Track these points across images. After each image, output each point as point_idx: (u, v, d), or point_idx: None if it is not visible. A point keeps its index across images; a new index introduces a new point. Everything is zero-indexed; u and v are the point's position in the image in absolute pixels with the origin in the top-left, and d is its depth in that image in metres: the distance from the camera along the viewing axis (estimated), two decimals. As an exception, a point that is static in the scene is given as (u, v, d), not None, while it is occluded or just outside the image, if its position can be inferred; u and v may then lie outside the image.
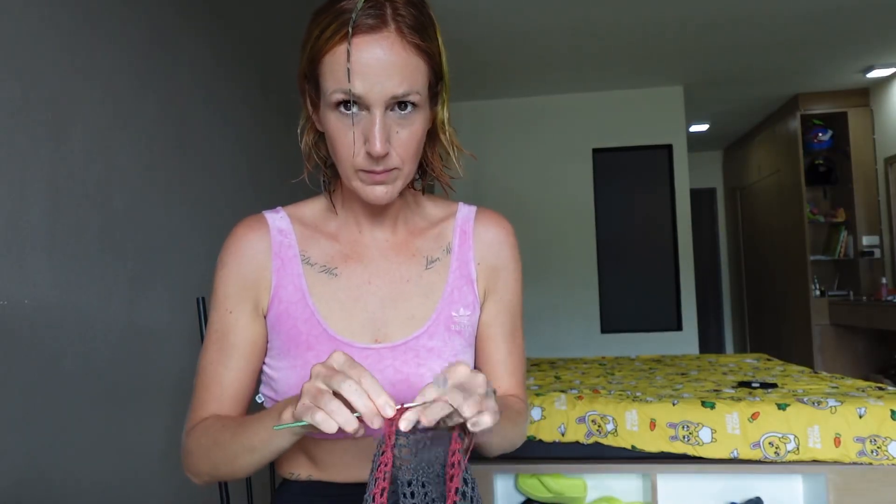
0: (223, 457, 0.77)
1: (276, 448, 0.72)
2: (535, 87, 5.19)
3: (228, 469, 0.78)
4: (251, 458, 0.74)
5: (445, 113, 0.83)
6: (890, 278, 5.18)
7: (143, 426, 1.57)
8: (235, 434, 0.75)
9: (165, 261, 1.71)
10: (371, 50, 0.71)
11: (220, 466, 0.78)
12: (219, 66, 2.08)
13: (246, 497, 1.11)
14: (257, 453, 0.74)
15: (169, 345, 1.70)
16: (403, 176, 0.79)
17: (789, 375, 2.79)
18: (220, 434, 0.77)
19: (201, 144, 1.94)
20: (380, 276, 0.87)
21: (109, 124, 1.50)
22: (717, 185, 7.89)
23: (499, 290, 0.93)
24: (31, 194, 1.24)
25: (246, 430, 0.74)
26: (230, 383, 0.84)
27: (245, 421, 0.76)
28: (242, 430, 0.75)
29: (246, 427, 0.75)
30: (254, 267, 0.85)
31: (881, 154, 5.27)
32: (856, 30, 4.13)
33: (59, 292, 1.30)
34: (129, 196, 1.56)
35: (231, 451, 0.76)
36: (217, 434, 0.78)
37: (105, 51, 1.50)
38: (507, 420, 0.84)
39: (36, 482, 1.22)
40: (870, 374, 5.31)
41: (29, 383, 1.22)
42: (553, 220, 5.31)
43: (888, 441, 1.99)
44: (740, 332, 7.56)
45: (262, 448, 0.73)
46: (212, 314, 0.86)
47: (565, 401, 2.22)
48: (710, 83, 5.18)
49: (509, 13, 3.72)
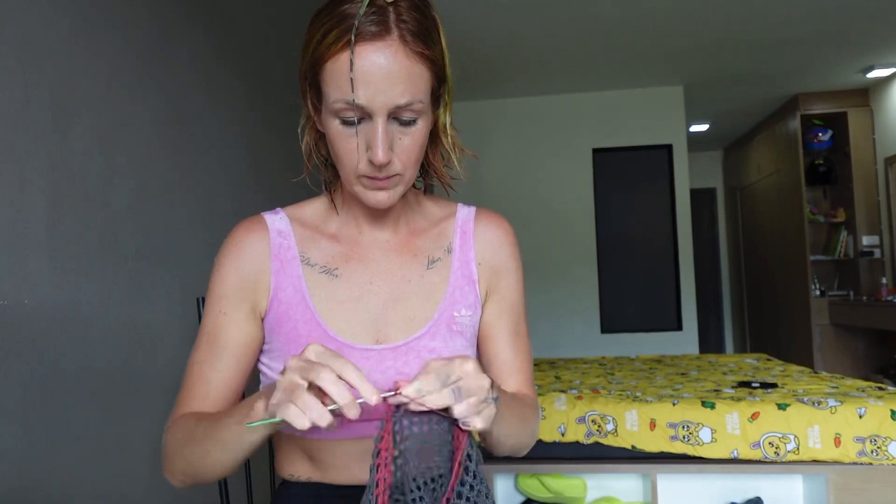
0: (196, 453, 0.75)
1: (247, 443, 0.71)
2: (535, 87, 5.19)
3: (201, 466, 0.76)
4: (224, 454, 0.73)
5: (448, 116, 0.83)
6: (890, 278, 5.18)
7: (143, 426, 1.56)
8: (208, 429, 0.74)
9: (165, 261, 1.71)
10: (374, 58, 0.70)
11: (194, 463, 0.77)
12: (219, 65, 2.08)
13: (246, 498, 1.11)
14: (230, 449, 0.72)
15: (169, 345, 1.70)
16: (405, 182, 0.79)
17: (789, 375, 2.79)
18: (195, 429, 0.76)
19: (201, 144, 1.94)
20: (381, 277, 0.87)
21: (109, 124, 1.50)
22: (717, 185, 7.89)
23: (500, 290, 0.92)
24: (31, 194, 1.24)
25: (218, 424, 0.73)
26: (216, 384, 0.83)
27: (218, 415, 0.75)
28: (215, 425, 0.74)
29: (218, 421, 0.73)
30: (252, 269, 0.84)
31: (881, 154, 5.27)
32: (856, 30, 4.13)
33: (59, 292, 1.30)
34: (129, 196, 1.56)
35: (203, 447, 0.74)
36: (192, 429, 0.77)
37: (105, 50, 1.49)
38: (516, 416, 0.84)
39: (36, 482, 1.22)
40: (870, 374, 5.31)
41: (29, 383, 1.22)
42: (553, 220, 5.31)
43: (888, 441, 1.99)
44: (740, 332, 7.56)
45: (233, 442, 0.71)
46: (205, 314, 0.85)
47: (565, 401, 2.22)
48: (710, 83, 5.18)
49: (509, 13, 3.72)
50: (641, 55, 4.52)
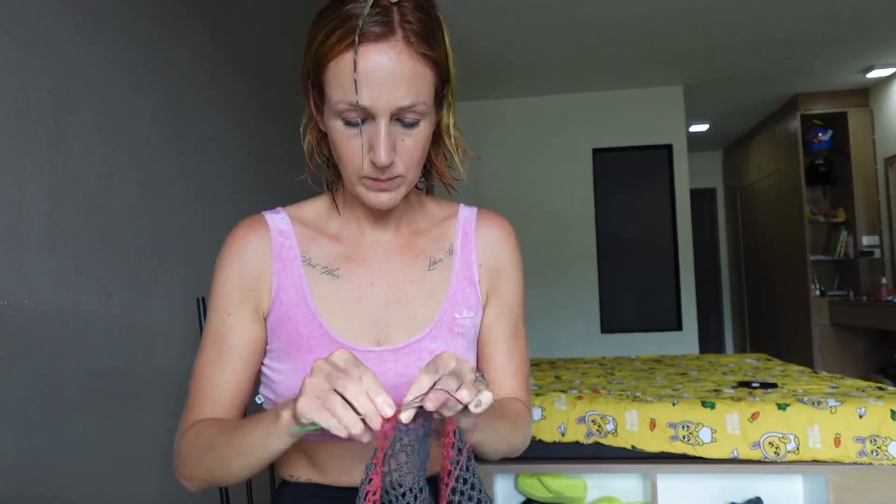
0: (218, 461, 0.75)
1: (272, 451, 0.70)
2: (535, 87, 5.19)
3: (223, 473, 0.76)
4: (246, 461, 0.73)
5: (451, 117, 0.82)
6: (890, 278, 5.18)
7: (143, 426, 1.56)
8: (231, 438, 0.74)
9: (165, 261, 1.71)
10: (377, 59, 0.69)
11: (214, 471, 0.76)
12: (220, 64, 2.08)
13: (246, 498, 1.11)
14: (253, 457, 0.72)
15: (169, 345, 1.69)
16: (407, 183, 0.78)
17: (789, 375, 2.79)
18: (215, 437, 0.76)
19: (202, 143, 1.94)
20: (382, 278, 0.86)
21: (109, 124, 1.50)
22: (717, 185, 7.89)
23: (501, 291, 0.92)
24: (31, 194, 1.24)
25: (241, 433, 0.73)
26: (226, 386, 0.82)
27: (240, 424, 0.75)
28: (238, 434, 0.73)
29: (241, 430, 0.73)
30: (254, 269, 0.84)
31: (881, 154, 5.27)
32: (856, 30, 4.13)
33: (59, 292, 1.30)
34: (129, 196, 1.56)
35: (226, 456, 0.74)
36: (212, 437, 0.76)
37: (105, 49, 1.49)
38: (505, 422, 0.83)
39: (36, 482, 1.22)
40: (870, 374, 5.31)
41: (29, 383, 1.21)
42: (553, 221, 5.31)
43: (888, 441, 1.99)
44: (740, 332, 7.56)
45: (258, 451, 0.71)
46: (210, 316, 0.85)
47: (565, 401, 2.22)
48: (710, 83, 5.18)
49: (509, 13, 3.72)
50: (641, 55, 4.52)
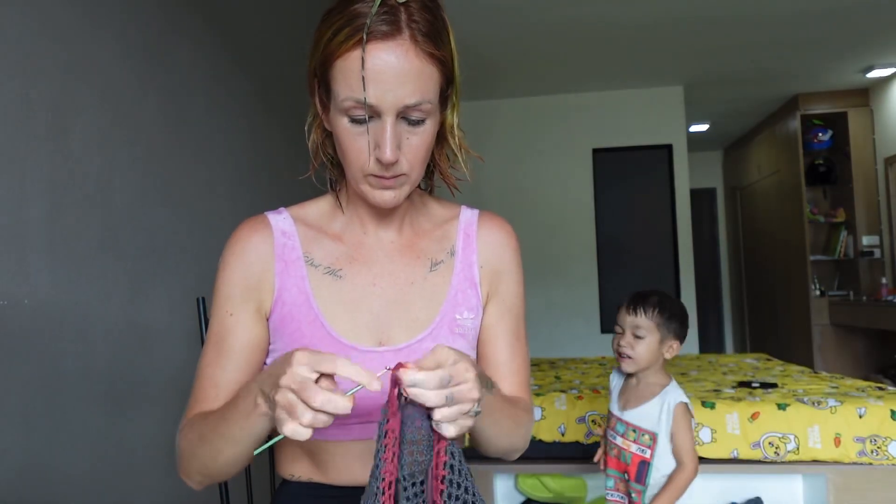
0: (208, 452, 0.76)
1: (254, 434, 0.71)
2: (534, 87, 5.19)
3: (214, 464, 0.76)
4: (233, 448, 0.73)
5: (456, 117, 0.83)
6: (890, 278, 5.17)
7: (143, 426, 1.56)
8: (215, 426, 0.74)
9: (165, 261, 1.71)
10: (384, 57, 0.70)
11: (207, 463, 0.77)
12: (221, 64, 2.08)
13: (246, 498, 1.11)
14: (238, 442, 0.72)
15: (169, 345, 1.69)
16: (411, 181, 0.79)
17: (789, 375, 2.79)
18: (203, 428, 0.77)
19: (202, 143, 1.94)
20: (384, 279, 0.87)
21: (109, 124, 1.50)
22: (717, 185, 7.88)
23: (501, 293, 0.92)
24: (31, 194, 1.24)
25: (223, 419, 0.73)
26: (226, 385, 0.82)
27: (221, 411, 0.75)
28: (220, 421, 0.74)
29: (222, 417, 0.74)
30: (256, 269, 0.84)
31: (881, 154, 5.26)
32: (856, 30, 4.13)
33: (59, 292, 1.30)
34: (129, 196, 1.56)
35: (214, 446, 0.75)
36: (200, 428, 0.77)
37: (105, 51, 1.49)
38: (510, 418, 0.83)
39: (36, 482, 1.22)
40: (870, 374, 5.31)
41: (29, 383, 1.22)
42: (553, 221, 5.31)
43: (888, 441, 1.99)
44: (740, 332, 7.56)
45: (239, 435, 0.72)
46: (212, 316, 0.85)
47: (565, 401, 2.22)
48: (710, 83, 5.18)
49: (509, 13, 3.72)
50: (641, 55, 4.52)
